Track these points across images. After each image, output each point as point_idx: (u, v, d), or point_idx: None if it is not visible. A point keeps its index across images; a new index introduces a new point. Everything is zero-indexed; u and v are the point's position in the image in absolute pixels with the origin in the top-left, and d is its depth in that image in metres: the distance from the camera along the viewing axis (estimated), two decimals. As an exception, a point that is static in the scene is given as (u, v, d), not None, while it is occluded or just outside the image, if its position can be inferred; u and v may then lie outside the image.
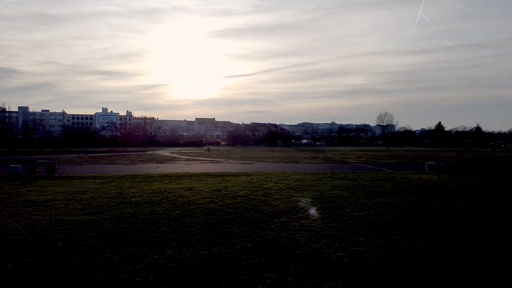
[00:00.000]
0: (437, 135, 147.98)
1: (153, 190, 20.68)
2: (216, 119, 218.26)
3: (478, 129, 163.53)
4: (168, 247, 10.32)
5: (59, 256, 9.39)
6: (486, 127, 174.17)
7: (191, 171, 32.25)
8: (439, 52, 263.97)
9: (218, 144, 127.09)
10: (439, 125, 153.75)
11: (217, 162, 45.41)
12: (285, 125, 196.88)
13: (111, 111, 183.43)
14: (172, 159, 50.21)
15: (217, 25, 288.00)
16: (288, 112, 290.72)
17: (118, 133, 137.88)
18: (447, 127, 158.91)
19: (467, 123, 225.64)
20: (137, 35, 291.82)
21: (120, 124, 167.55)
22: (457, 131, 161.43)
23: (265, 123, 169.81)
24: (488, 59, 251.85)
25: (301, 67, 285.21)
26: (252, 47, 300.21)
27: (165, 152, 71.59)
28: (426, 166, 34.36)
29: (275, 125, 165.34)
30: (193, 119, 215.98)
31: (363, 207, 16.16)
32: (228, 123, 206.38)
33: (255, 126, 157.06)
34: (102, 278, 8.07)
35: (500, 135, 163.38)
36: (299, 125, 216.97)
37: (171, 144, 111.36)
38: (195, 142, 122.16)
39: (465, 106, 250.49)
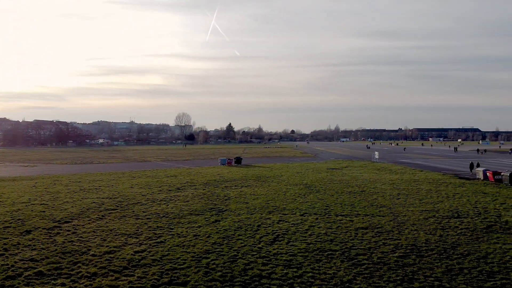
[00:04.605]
0: (228, 135, 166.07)
1: None
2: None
3: (260, 129, 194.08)
4: None
5: None
6: (266, 128, 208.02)
7: None
8: (229, 60, 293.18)
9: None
10: (230, 126, 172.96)
11: (-15, 166, 36.98)
12: (78, 123, 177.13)
13: None
14: None
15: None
16: (81, 110, 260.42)
17: None
18: (236, 127, 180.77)
19: (251, 124, 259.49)
20: None
21: None
22: (244, 131, 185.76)
23: (53, 121, 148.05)
24: (269, 70, 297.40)
25: (94, 61, 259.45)
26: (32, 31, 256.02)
27: None
28: (219, 161, 38.26)
29: (65, 123, 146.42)
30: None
31: (162, 201, 16.67)
32: (4, 120, 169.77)
33: (40, 124, 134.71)
34: None
35: (276, 134, 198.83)
36: (94, 123, 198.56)
37: None
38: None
39: (250, 110, 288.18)
